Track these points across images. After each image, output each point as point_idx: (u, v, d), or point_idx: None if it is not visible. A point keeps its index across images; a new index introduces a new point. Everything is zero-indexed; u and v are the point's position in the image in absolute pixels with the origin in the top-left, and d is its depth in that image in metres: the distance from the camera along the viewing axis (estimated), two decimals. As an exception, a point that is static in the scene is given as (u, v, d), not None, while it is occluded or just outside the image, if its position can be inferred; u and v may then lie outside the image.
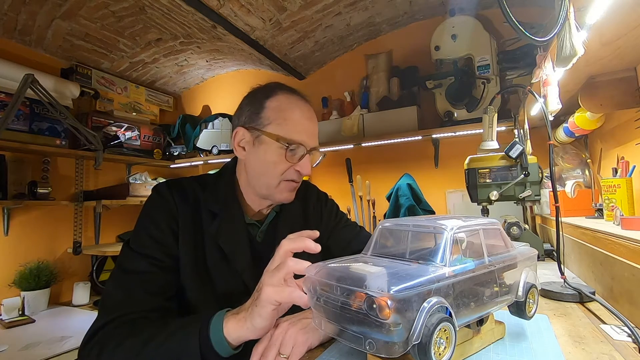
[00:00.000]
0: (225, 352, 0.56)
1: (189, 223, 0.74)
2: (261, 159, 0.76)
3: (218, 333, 0.55)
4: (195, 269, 0.72)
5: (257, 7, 1.80)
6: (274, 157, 0.75)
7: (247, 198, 0.82)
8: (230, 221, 0.77)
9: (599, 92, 1.00)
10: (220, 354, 0.55)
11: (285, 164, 0.75)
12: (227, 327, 0.55)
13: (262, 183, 0.77)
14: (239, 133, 0.78)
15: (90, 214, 2.38)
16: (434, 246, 0.47)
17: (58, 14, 1.81)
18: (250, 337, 0.55)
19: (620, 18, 0.65)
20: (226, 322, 0.56)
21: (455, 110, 1.90)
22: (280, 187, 0.77)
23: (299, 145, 0.75)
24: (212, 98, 2.95)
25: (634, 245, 0.62)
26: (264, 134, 0.75)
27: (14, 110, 1.76)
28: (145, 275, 0.68)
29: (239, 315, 0.56)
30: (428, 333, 0.38)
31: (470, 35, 1.84)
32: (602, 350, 0.52)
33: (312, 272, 0.47)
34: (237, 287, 0.74)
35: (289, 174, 0.76)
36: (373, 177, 2.23)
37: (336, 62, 2.52)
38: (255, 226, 0.83)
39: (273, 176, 0.76)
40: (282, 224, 0.84)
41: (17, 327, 1.70)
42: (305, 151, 0.76)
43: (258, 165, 0.77)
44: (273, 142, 0.74)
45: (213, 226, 0.75)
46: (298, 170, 0.77)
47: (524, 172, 1.17)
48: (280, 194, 0.78)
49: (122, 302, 0.64)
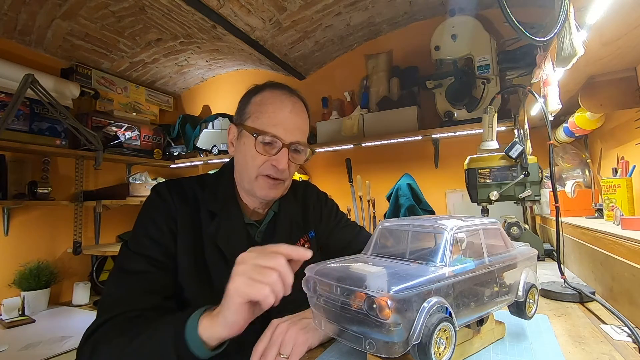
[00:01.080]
0: (202, 352, 0.53)
1: (188, 223, 0.74)
2: (242, 153, 0.78)
3: (193, 331, 0.53)
4: (194, 270, 0.72)
5: (257, 7, 1.80)
6: (252, 150, 0.75)
7: (242, 197, 0.83)
8: (229, 221, 0.77)
9: (599, 92, 1.00)
10: (197, 354, 0.53)
11: (261, 158, 0.75)
12: (201, 325, 0.53)
13: (244, 177, 0.78)
14: (231, 130, 0.81)
15: (90, 214, 2.38)
16: (434, 246, 0.47)
17: (58, 14, 1.81)
18: (224, 334, 0.53)
19: (620, 18, 0.65)
20: (201, 319, 0.54)
21: (455, 110, 1.90)
22: (259, 181, 0.76)
23: (273, 137, 0.74)
24: (212, 98, 2.95)
25: (634, 245, 0.62)
26: (245, 128, 0.76)
27: (14, 110, 1.75)
28: (144, 275, 0.67)
29: (213, 312, 0.54)
30: (428, 333, 0.38)
31: (470, 35, 1.84)
32: (602, 350, 0.52)
33: (312, 272, 0.47)
34: None
35: (265, 168, 0.75)
36: (373, 177, 2.23)
37: (336, 62, 2.52)
38: (254, 226, 0.83)
39: (251, 169, 0.76)
40: (280, 225, 0.84)
41: (17, 327, 1.70)
42: (280, 145, 0.75)
43: (240, 159, 0.79)
44: (250, 136, 0.75)
45: (212, 227, 0.75)
46: (274, 165, 0.75)
47: (524, 172, 1.17)
48: (260, 190, 0.77)
49: (120, 301, 0.64)
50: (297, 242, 0.86)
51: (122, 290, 0.66)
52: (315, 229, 0.91)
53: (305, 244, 0.87)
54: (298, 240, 0.86)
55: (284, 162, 0.75)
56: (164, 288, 0.69)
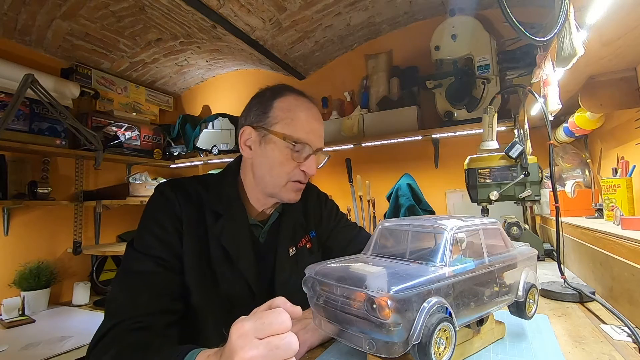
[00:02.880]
0: None
1: (193, 223, 0.74)
2: (268, 158, 0.77)
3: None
4: (199, 269, 0.72)
5: (257, 7, 1.80)
6: (281, 156, 0.75)
7: (251, 198, 0.82)
8: (233, 221, 0.77)
9: (599, 92, 1.00)
10: None
11: (291, 164, 0.76)
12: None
13: (269, 182, 0.78)
14: (246, 132, 0.79)
15: (90, 214, 2.38)
16: (434, 246, 0.47)
17: (58, 14, 1.81)
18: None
19: (620, 18, 0.65)
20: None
21: (455, 110, 1.90)
22: (287, 187, 0.78)
23: (304, 145, 0.76)
24: (212, 98, 2.95)
25: (634, 245, 0.62)
26: (271, 133, 0.75)
27: (14, 110, 1.75)
28: (151, 277, 0.67)
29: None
30: (428, 333, 0.38)
31: (470, 35, 1.84)
32: (602, 350, 0.52)
33: (312, 272, 0.47)
34: (241, 288, 0.75)
35: (295, 174, 0.77)
36: (373, 177, 2.23)
37: (336, 62, 2.52)
38: (258, 227, 0.83)
39: (280, 175, 0.76)
40: (285, 225, 0.85)
41: (17, 327, 1.70)
42: (311, 151, 0.77)
43: (265, 164, 0.78)
44: (280, 141, 0.75)
45: (217, 227, 0.75)
46: (304, 170, 0.77)
47: (524, 172, 1.17)
48: (286, 194, 0.78)
49: (126, 306, 0.63)
50: (299, 242, 0.87)
51: (128, 293, 0.65)
52: (315, 229, 0.92)
53: (307, 243, 0.88)
54: (300, 241, 0.87)
55: (315, 169, 0.77)
56: (172, 289, 0.69)
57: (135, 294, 0.64)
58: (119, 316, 0.62)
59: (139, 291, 0.65)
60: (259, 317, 0.42)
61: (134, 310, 0.62)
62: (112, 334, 0.60)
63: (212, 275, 0.73)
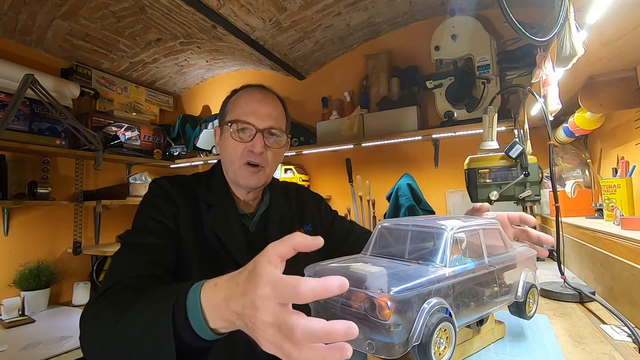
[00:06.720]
0: (205, 332, 0.43)
1: (188, 211, 0.79)
2: (225, 147, 0.84)
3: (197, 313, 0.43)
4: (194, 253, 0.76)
5: (257, 7, 1.80)
6: (230, 140, 0.81)
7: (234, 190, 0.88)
8: (224, 211, 0.82)
9: (599, 92, 1.00)
10: (200, 334, 0.43)
11: (239, 146, 0.81)
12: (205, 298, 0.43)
13: (229, 168, 0.84)
14: (215, 132, 0.89)
15: (90, 214, 2.38)
16: (433, 246, 0.47)
17: (58, 14, 1.81)
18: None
19: (620, 18, 0.65)
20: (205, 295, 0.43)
21: (455, 110, 1.90)
22: (242, 170, 0.82)
23: (245, 124, 0.80)
24: (212, 98, 2.95)
25: (634, 245, 0.62)
26: (224, 124, 0.84)
27: (14, 110, 1.75)
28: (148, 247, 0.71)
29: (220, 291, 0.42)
30: (428, 333, 0.38)
31: (470, 35, 1.84)
32: (602, 350, 0.52)
33: (311, 272, 0.47)
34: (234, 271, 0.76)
35: (244, 155, 0.81)
36: (373, 177, 2.23)
37: (336, 62, 2.51)
38: (248, 218, 0.88)
39: (234, 159, 0.82)
40: (273, 217, 0.89)
41: (17, 327, 1.70)
42: (254, 130, 0.80)
43: (224, 153, 0.86)
44: (227, 128, 0.82)
45: (210, 215, 0.80)
46: (251, 150, 0.80)
47: (524, 172, 1.17)
48: (243, 178, 0.82)
49: (125, 269, 0.66)
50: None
51: (126, 259, 0.68)
52: (312, 223, 0.97)
53: None
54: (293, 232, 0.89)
55: (259, 146, 0.80)
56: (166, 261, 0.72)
57: (135, 259, 0.68)
58: (118, 276, 0.63)
59: (136, 257, 0.68)
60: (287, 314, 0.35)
61: (133, 271, 0.64)
62: (111, 291, 0.60)
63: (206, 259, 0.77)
